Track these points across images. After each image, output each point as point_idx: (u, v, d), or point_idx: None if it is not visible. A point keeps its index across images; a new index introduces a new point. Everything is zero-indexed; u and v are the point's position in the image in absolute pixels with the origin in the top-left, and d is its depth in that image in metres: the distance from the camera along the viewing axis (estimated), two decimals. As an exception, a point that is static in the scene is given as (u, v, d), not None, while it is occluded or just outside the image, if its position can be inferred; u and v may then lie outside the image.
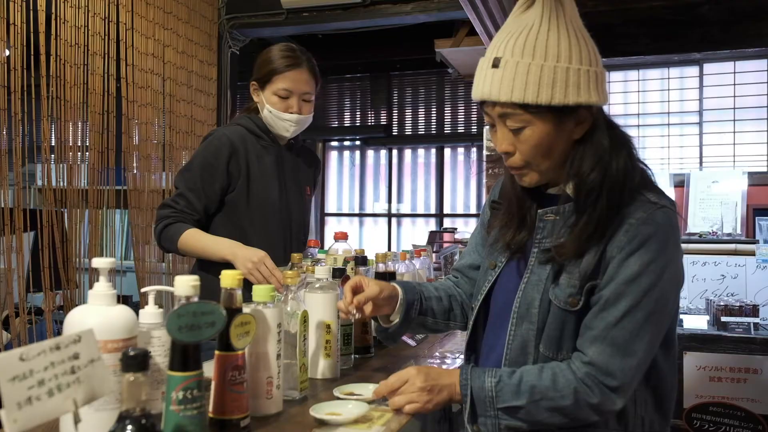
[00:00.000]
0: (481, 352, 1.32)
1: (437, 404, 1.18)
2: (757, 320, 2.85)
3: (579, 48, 1.13)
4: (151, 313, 1.05)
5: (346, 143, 5.27)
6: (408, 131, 5.07)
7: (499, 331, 1.25)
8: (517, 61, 1.11)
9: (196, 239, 1.88)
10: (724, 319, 2.85)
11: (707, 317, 2.99)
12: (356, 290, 1.33)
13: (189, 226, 1.89)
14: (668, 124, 3.76)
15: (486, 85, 1.14)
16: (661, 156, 3.72)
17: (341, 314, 1.37)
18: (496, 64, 1.13)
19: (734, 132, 3.61)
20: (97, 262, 0.99)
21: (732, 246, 3.17)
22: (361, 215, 5.19)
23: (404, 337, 1.84)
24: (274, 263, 1.78)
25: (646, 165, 1.23)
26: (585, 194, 1.15)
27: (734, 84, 3.60)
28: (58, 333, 1.04)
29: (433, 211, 4.91)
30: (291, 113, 1.98)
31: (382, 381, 1.20)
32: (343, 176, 5.25)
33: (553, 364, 1.15)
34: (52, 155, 2.80)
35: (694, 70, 3.70)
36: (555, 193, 1.23)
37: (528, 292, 1.20)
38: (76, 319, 0.96)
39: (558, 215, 1.20)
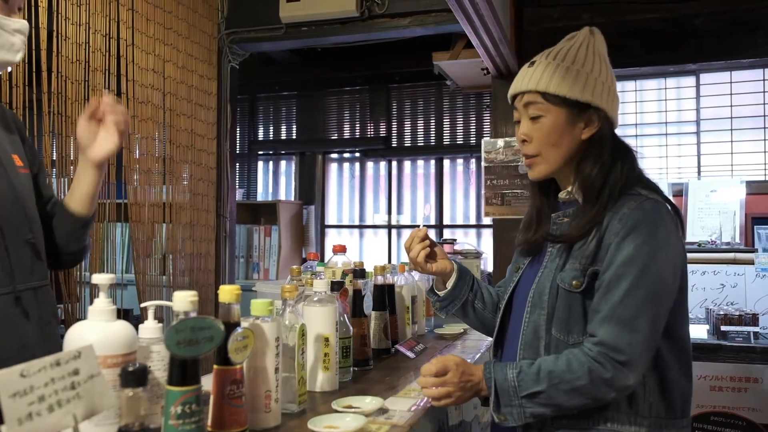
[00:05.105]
0: (506, 343, 1.46)
1: (465, 400, 1.30)
2: (757, 329, 2.85)
3: (601, 66, 1.38)
4: (150, 328, 1.07)
5: (346, 155, 5.28)
6: (407, 143, 5.09)
7: (519, 321, 1.39)
8: (548, 62, 1.37)
9: None
10: (723, 328, 2.86)
11: (707, 326, 2.99)
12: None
13: None
14: (666, 134, 3.78)
15: (519, 80, 1.39)
16: (659, 166, 3.74)
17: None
18: (531, 64, 1.39)
19: (732, 141, 3.63)
20: (97, 278, 1.00)
21: (731, 255, 3.18)
22: (361, 227, 5.20)
23: (403, 349, 1.85)
24: None
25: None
26: (588, 188, 1.33)
27: (731, 94, 3.63)
28: (59, 348, 1.04)
29: (432, 222, 4.92)
30: (18, 19, 1.30)
31: (426, 366, 1.28)
32: (342, 188, 5.26)
33: (567, 352, 1.26)
34: (54, 170, 2.82)
35: (690, 81, 3.72)
36: (565, 198, 1.41)
37: (541, 283, 1.36)
38: (76, 335, 0.97)
39: (568, 217, 1.38)
